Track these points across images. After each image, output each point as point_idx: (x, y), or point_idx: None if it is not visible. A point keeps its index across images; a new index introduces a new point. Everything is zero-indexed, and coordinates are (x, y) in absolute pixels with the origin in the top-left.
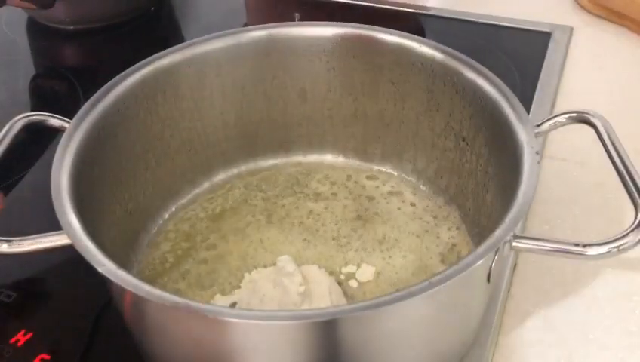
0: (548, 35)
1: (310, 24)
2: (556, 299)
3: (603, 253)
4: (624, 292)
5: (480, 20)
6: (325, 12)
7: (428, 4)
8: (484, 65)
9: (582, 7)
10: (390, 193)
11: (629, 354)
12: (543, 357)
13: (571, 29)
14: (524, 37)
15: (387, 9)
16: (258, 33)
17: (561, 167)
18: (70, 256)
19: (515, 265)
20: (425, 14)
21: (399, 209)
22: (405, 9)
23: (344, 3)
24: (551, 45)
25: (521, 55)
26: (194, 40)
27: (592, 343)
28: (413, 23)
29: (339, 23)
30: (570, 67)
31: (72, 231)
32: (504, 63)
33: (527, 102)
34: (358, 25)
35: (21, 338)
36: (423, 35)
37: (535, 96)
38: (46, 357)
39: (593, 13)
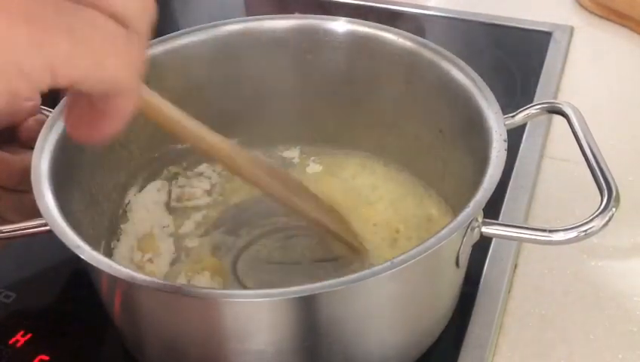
0: (548, 34)
1: (286, 17)
2: (556, 299)
3: (570, 238)
4: (624, 292)
5: (480, 20)
6: (325, 12)
7: (428, 4)
8: (484, 65)
9: (582, 6)
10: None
11: (629, 354)
12: (543, 357)
13: (572, 28)
14: (525, 37)
15: (387, 8)
16: (236, 26)
17: (561, 167)
18: (69, 256)
19: (515, 265)
20: (425, 14)
21: (381, 198)
22: (405, 9)
23: (344, 3)
24: (551, 45)
25: (521, 55)
26: (176, 32)
27: (592, 343)
28: (413, 23)
29: (313, 15)
30: (570, 67)
31: (49, 215)
32: (504, 63)
33: (527, 102)
34: (334, 17)
35: (20, 338)
36: (423, 35)
37: (535, 96)
38: (45, 357)
39: (594, 13)
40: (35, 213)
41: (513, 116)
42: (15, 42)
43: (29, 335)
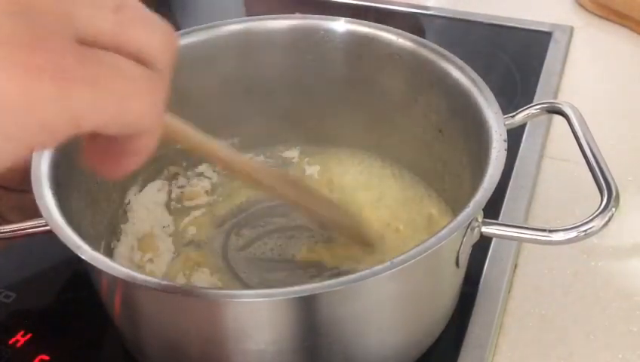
0: (548, 34)
1: (286, 17)
2: (556, 299)
3: (570, 238)
4: (624, 292)
5: (480, 20)
6: (325, 12)
7: (428, 4)
8: (484, 65)
9: (582, 6)
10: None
11: (629, 354)
12: (543, 357)
13: (572, 28)
14: (525, 37)
15: (387, 8)
16: (236, 27)
17: (561, 167)
18: (69, 256)
19: (515, 266)
20: (425, 14)
21: (381, 198)
22: (405, 9)
23: (344, 3)
24: (551, 45)
25: (521, 55)
26: (176, 32)
27: (592, 343)
28: (413, 23)
29: (313, 15)
30: (570, 67)
31: (49, 215)
32: (504, 63)
33: (527, 102)
34: (334, 17)
35: (20, 338)
36: (423, 35)
37: (535, 96)
38: (45, 357)
39: (594, 13)
40: (35, 213)
41: (513, 116)
42: (40, 99)
43: (29, 335)
